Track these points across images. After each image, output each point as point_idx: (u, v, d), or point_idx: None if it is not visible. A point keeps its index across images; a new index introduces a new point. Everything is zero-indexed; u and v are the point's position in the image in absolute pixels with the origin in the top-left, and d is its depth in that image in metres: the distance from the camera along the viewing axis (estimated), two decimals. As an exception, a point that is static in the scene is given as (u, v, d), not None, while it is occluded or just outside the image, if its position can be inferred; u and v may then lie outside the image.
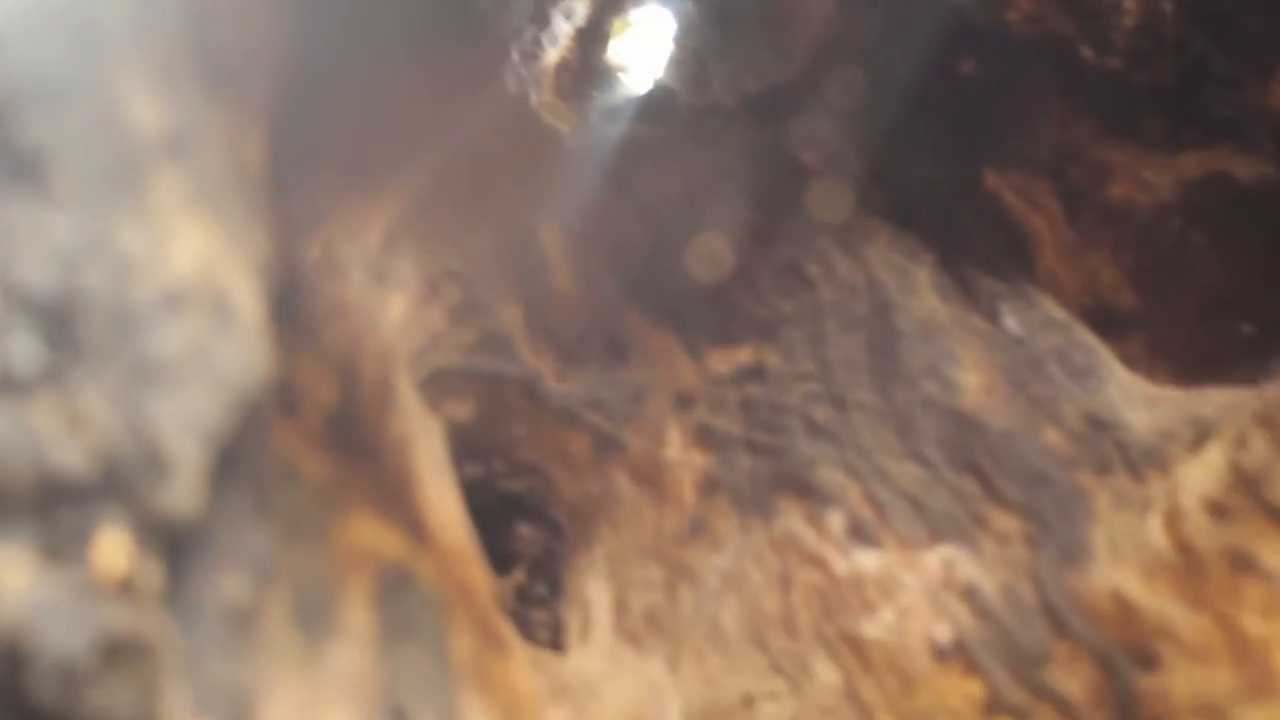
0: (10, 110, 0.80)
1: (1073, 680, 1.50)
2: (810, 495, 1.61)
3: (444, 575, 1.20)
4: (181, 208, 0.90)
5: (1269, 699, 1.42)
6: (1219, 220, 1.63)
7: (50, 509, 0.75)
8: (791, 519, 1.61)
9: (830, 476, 1.62)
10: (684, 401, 1.64)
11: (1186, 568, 1.49)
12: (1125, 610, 1.51)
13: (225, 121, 1.05)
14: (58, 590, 0.73)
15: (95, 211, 0.83)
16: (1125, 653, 1.50)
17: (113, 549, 0.78)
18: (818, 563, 1.59)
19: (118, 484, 0.78)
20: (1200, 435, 1.55)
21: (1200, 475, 1.52)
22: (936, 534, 1.58)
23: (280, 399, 1.05)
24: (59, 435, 0.76)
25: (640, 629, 1.57)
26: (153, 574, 0.79)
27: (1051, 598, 1.54)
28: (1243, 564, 1.47)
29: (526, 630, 1.56)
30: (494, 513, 1.60)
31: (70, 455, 0.75)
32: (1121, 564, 1.53)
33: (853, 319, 1.67)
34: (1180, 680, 1.45)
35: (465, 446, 1.61)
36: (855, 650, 1.56)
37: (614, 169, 1.72)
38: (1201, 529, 1.50)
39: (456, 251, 1.62)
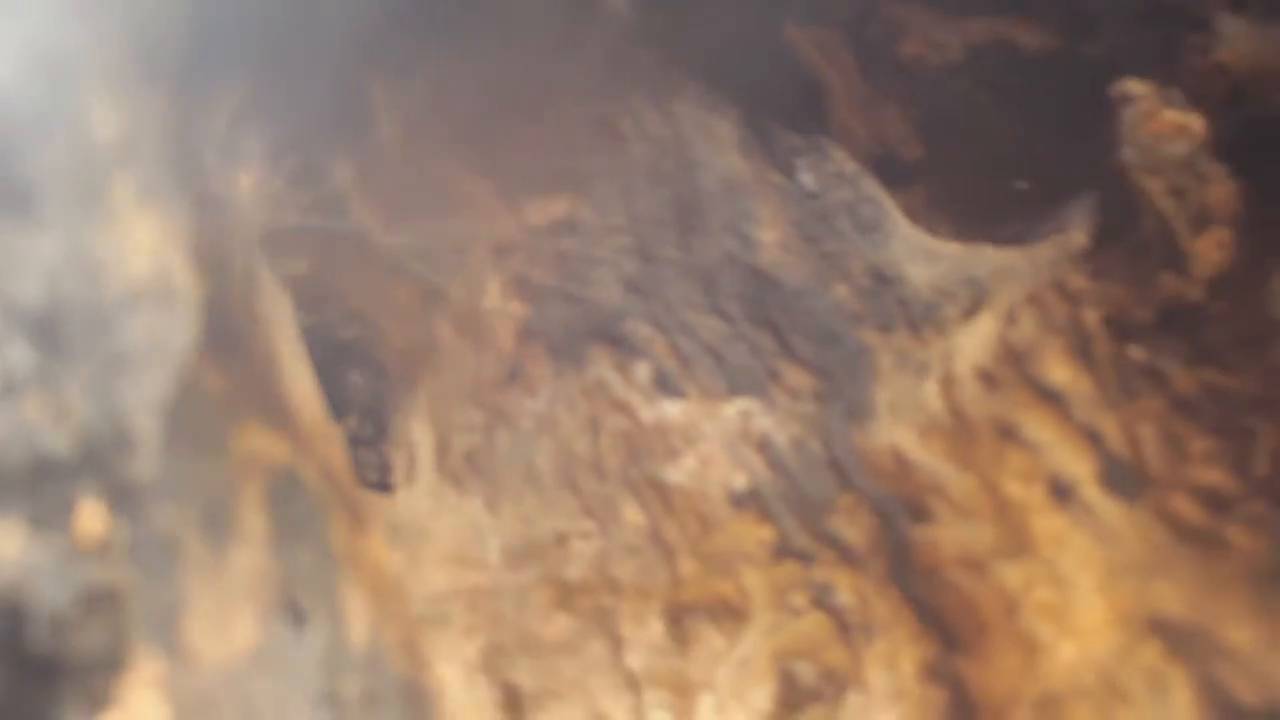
0: (7, 149, 0.88)
1: (854, 528, 1.63)
2: (619, 345, 1.69)
3: (321, 471, 1.30)
4: (135, 206, 0.98)
5: (1023, 557, 1.56)
6: (1002, 83, 1.67)
7: (39, 486, 0.88)
8: (602, 368, 1.69)
9: (638, 328, 1.70)
10: (503, 252, 1.70)
11: (957, 431, 1.60)
12: (902, 466, 1.63)
13: (157, 107, 1.10)
14: (47, 554, 0.87)
15: (73, 227, 0.92)
16: (901, 505, 1.62)
17: (91, 516, 0.92)
18: (625, 410, 1.69)
19: (94, 461, 0.90)
20: (975, 300, 1.64)
21: (973, 345, 1.62)
22: (735, 387, 1.68)
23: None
24: (47, 425, 0.88)
25: (461, 470, 1.68)
26: (122, 533, 0.92)
27: (837, 452, 1.66)
28: (1007, 433, 1.58)
29: (359, 472, 1.66)
30: (328, 359, 1.68)
31: (56, 441, 0.88)
32: (900, 423, 1.63)
33: (661, 175, 1.71)
34: (948, 534, 1.58)
35: (301, 298, 1.67)
36: (659, 494, 1.67)
37: (438, 15, 1.72)
38: (972, 396, 1.60)
39: (295, 119, 1.64)
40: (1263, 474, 1.47)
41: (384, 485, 1.71)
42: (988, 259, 1.67)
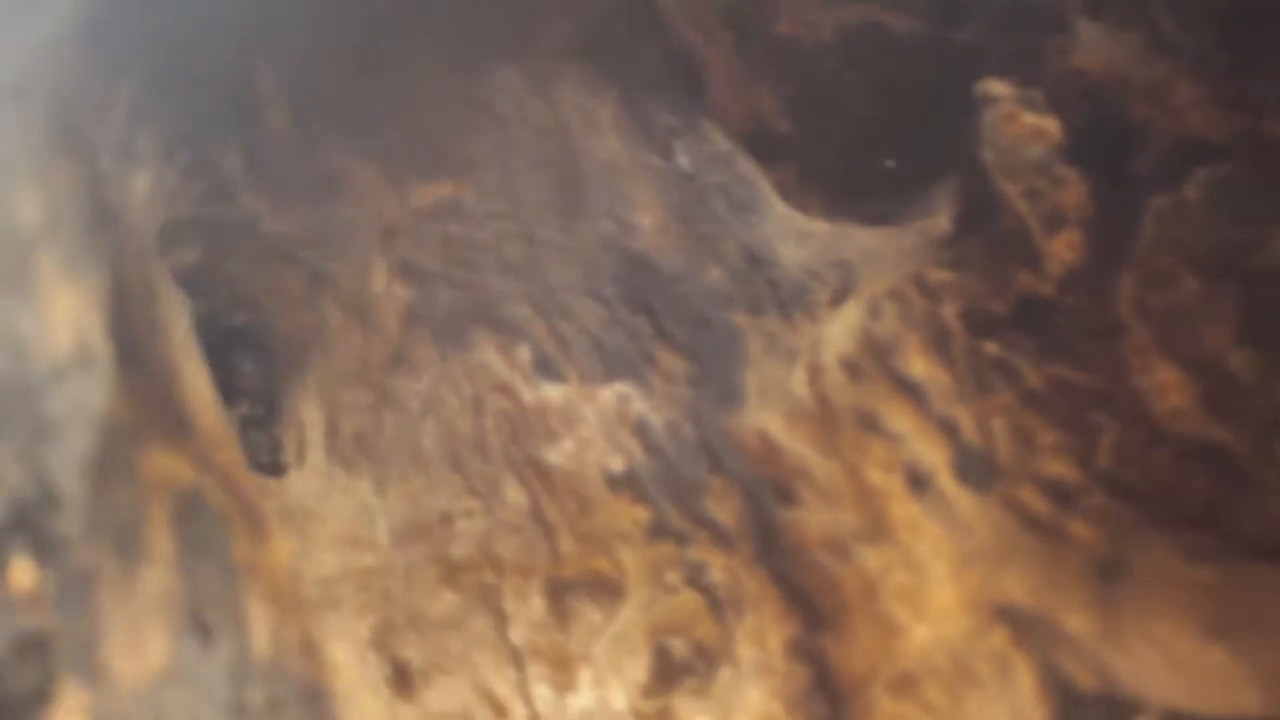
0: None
1: (725, 510, 1.69)
2: (501, 329, 1.74)
3: (222, 484, 1.36)
4: (56, 281, 1.05)
5: (882, 542, 1.62)
6: (872, 64, 1.69)
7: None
8: (484, 351, 1.74)
9: (519, 311, 1.74)
10: (389, 236, 1.73)
11: (823, 418, 1.65)
12: (770, 450, 1.68)
13: (76, 177, 1.15)
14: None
15: (3, 309, 0.99)
16: (769, 488, 1.68)
17: (22, 572, 1.01)
18: (507, 392, 1.74)
19: (24, 521, 0.99)
20: (843, 285, 1.68)
21: (838, 335, 1.66)
22: (612, 371, 1.72)
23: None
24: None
25: (350, 451, 1.73)
26: (50, 582, 1.01)
27: (709, 435, 1.71)
28: (868, 422, 1.64)
29: (252, 455, 1.72)
30: (220, 345, 1.72)
31: (-10, 507, 0.96)
32: (768, 408, 1.68)
33: (542, 159, 1.74)
34: (813, 517, 1.64)
35: (193, 287, 1.71)
36: (540, 475, 1.73)
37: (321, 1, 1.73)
38: (837, 385, 1.65)
39: (187, 114, 1.66)
40: (1105, 467, 1.52)
41: (276, 467, 1.75)
42: (856, 241, 1.71)
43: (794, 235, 1.71)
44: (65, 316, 1.01)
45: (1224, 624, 1.47)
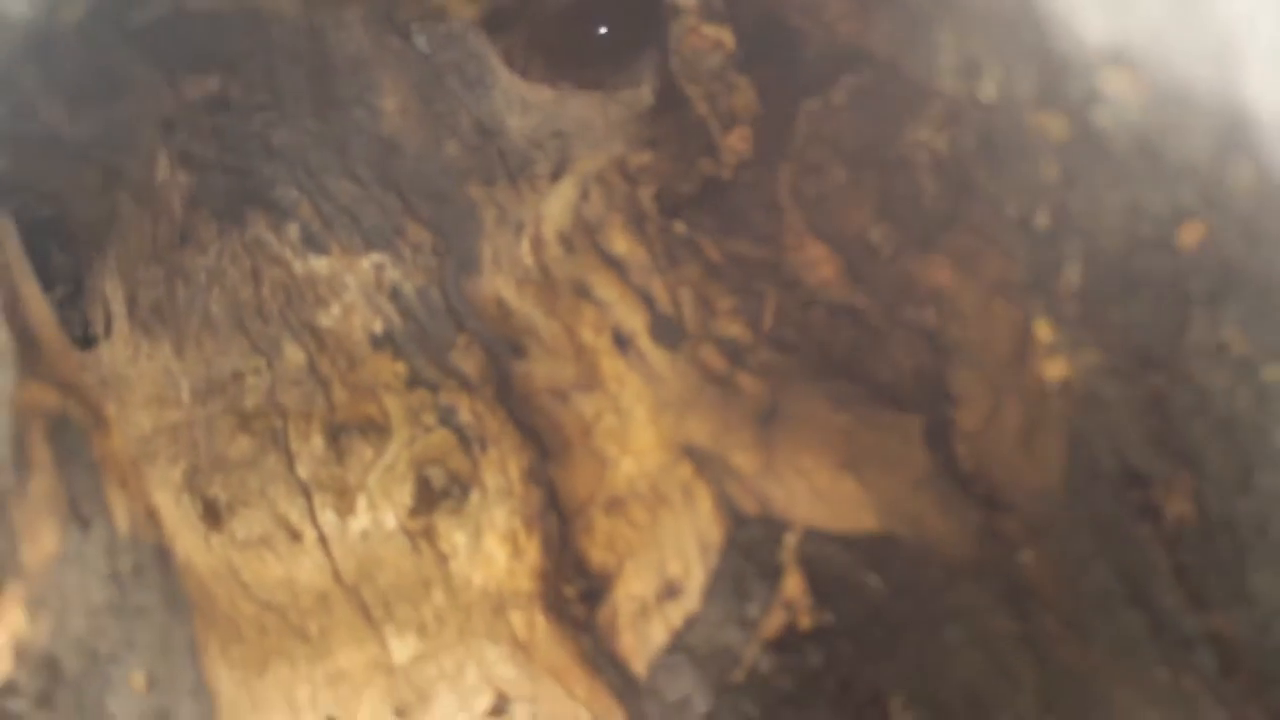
0: None
1: (469, 362, 1.96)
2: (272, 209, 1.97)
3: (78, 402, 1.64)
4: None
5: (595, 391, 1.91)
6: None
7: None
8: (259, 228, 1.97)
9: (286, 193, 1.96)
10: (168, 129, 1.95)
11: (545, 285, 1.91)
12: (504, 312, 1.94)
13: None
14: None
15: None
16: (504, 344, 1.95)
17: None
18: (281, 264, 1.98)
19: None
20: (560, 160, 1.91)
21: (556, 211, 1.91)
22: (369, 244, 1.97)
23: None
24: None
25: (150, 320, 1.98)
26: None
27: (453, 299, 1.97)
28: (582, 290, 1.90)
29: (67, 329, 1.97)
30: (32, 238, 1.95)
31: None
32: (501, 274, 1.94)
33: (298, 54, 1.93)
34: (539, 368, 1.92)
35: (4, 187, 1.92)
36: (314, 336, 1.99)
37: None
38: (555, 257, 1.91)
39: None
40: (769, 327, 1.79)
41: (88, 339, 2.00)
42: (572, 109, 1.92)
43: (519, 104, 1.91)
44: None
45: (855, 459, 1.77)
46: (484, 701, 1.82)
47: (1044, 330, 1.51)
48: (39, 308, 1.66)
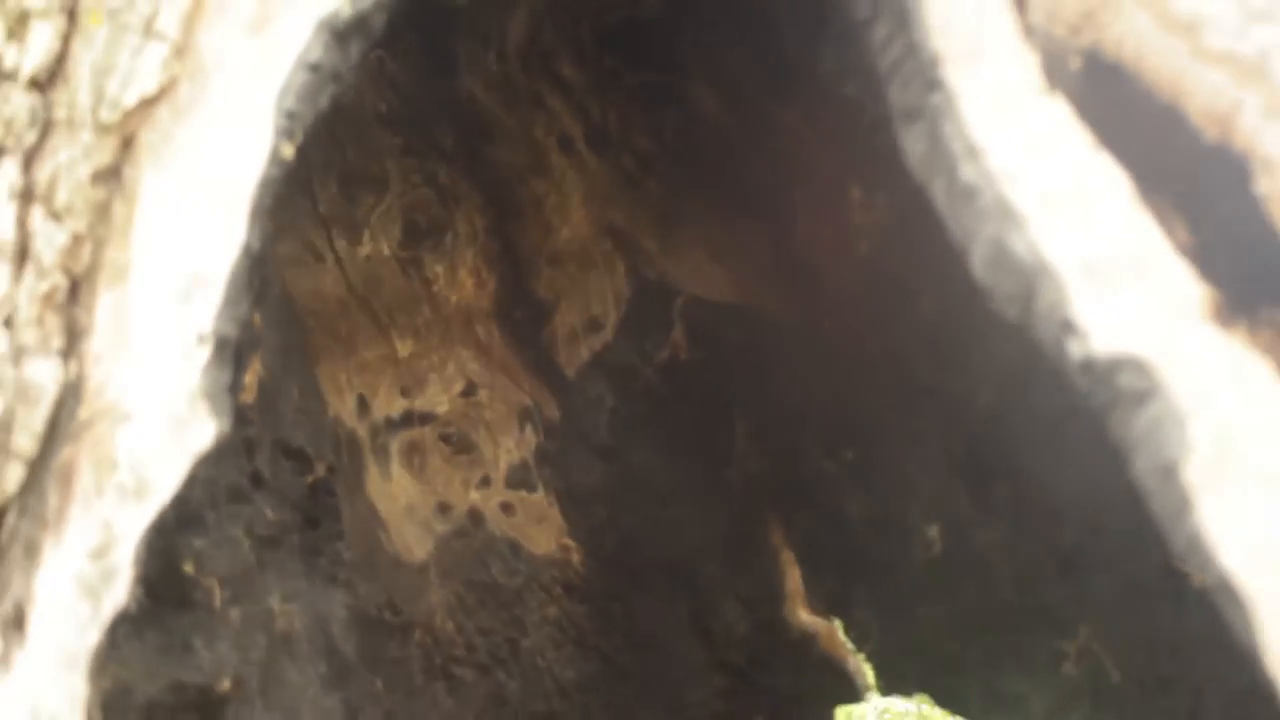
0: None
1: (447, 140, 2.56)
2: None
3: None
4: None
5: (543, 176, 2.53)
6: None
7: None
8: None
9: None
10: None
11: (508, 90, 2.49)
12: (475, 106, 2.53)
13: None
14: None
15: None
16: (475, 130, 2.54)
17: None
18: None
19: None
20: None
21: (516, 36, 2.45)
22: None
23: None
24: None
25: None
26: None
27: (438, 92, 2.54)
28: (537, 100, 2.48)
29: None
30: None
31: None
32: (473, 77, 2.51)
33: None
34: (502, 152, 2.53)
35: None
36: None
37: None
38: (516, 71, 2.47)
39: None
40: (669, 143, 2.39)
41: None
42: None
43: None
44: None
45: (722, 252, 2.42)
46: (459, 386, 2.52)
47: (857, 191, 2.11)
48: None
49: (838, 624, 2.45)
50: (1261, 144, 1.09)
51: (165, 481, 1.18)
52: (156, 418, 1.19)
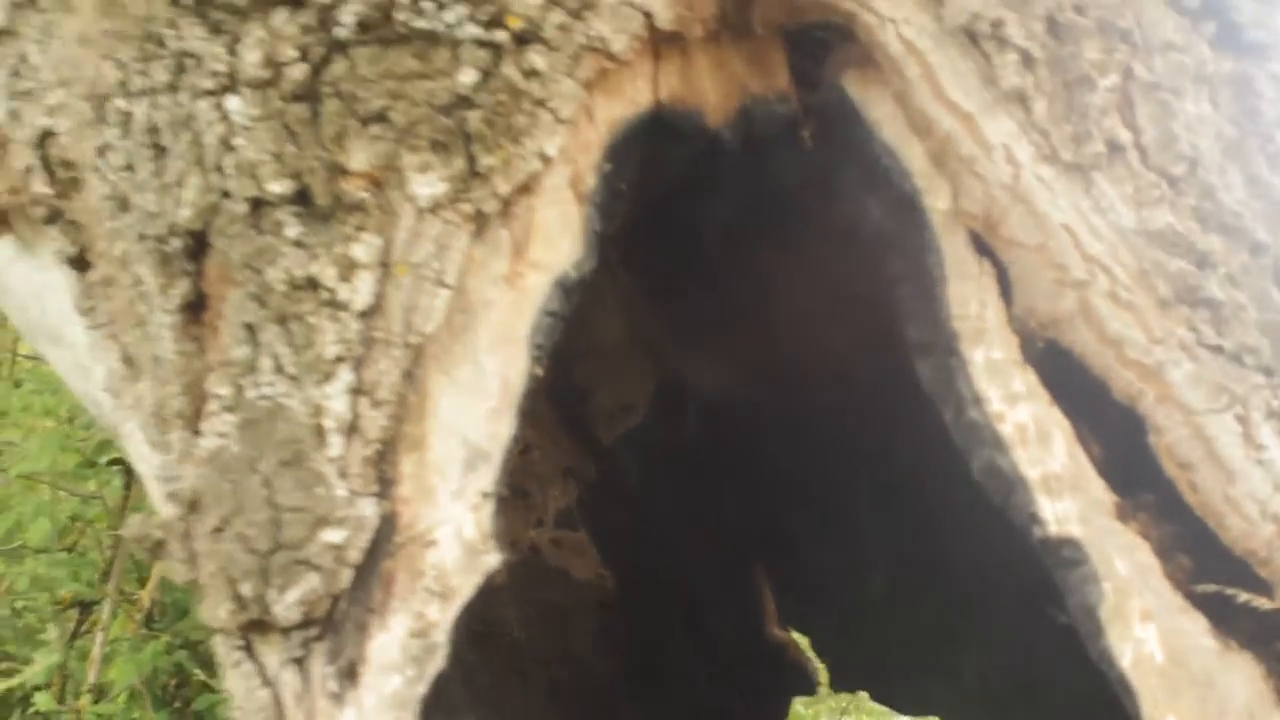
0: None
1: None
2: None
3: None
4: None
5: None
6: None
7: None
8: None
9: None
10: None
11: None
12: None
13: None
14: None
15: None
16: None
17: None
18: None
19: None
20: None
21: None
22: None
23: None
24: None
25: None
26: None
27: None
28: None
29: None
30: None
31: None
32: None
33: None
34: None
35: None
36: None
37: None
38: None
39: None
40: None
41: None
42: None
43: None
44: None
45: (725, 356, 3.05)
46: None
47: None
48: None
49: (802, 639, 3.15)
50: (1155, 414, 1.79)
51: (465, 590, 1.78)
52: (456, 546, 1.79)
